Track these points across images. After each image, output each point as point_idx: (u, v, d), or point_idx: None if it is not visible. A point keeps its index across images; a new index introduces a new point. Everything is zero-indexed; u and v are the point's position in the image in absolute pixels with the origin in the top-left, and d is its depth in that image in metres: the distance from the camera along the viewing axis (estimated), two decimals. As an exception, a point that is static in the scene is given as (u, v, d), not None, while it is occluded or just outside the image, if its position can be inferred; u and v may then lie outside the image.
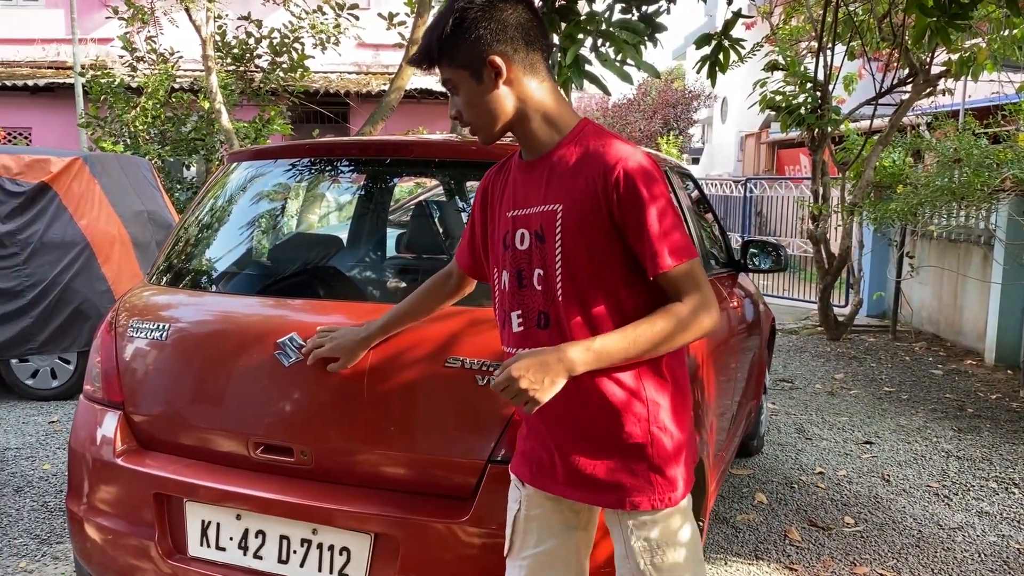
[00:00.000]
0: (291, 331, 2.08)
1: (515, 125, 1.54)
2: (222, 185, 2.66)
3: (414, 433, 1.99)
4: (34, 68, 13.74)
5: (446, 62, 1.50)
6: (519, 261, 1.57)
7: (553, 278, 1.51)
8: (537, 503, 1.66)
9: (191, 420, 2.22)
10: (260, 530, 2.07)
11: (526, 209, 1.55)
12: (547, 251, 1.51)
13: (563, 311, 1.51)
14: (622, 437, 1.53)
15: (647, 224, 1.45)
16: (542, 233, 1.52)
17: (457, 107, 1.54)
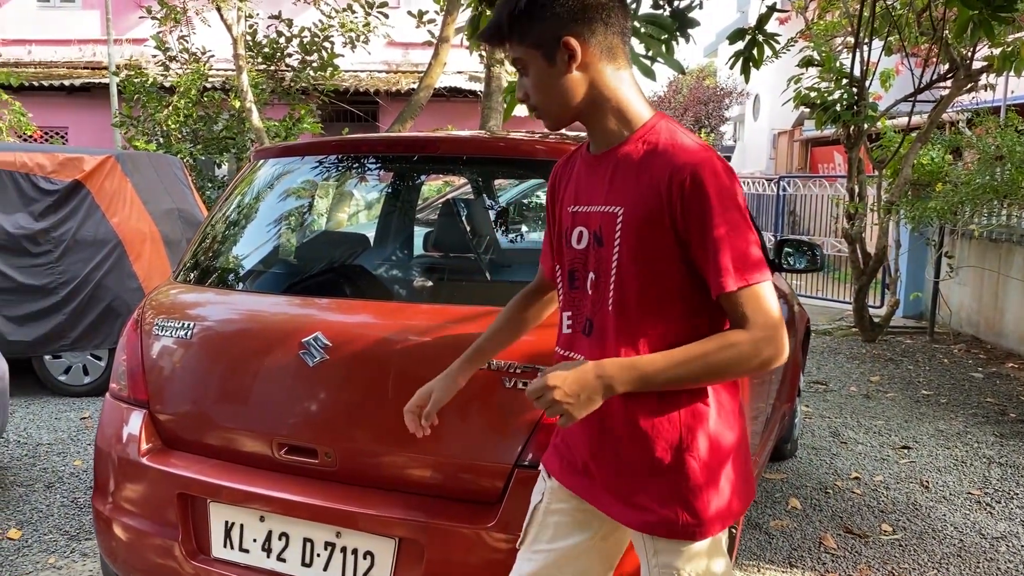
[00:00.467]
0: (316, 330, 2.05)
1: (584, 113, 1.43)
2: (249, 182, 2.64)
3: (440, 435, 1.94)
4: (71, 68, 13.96)
5: (517, 39, 1.40)
6: (575, 260, 1.48)
7: (606, 285, 1.41)
8: (560, 498, 1.58)
9: (215, 420, 2.20)
10: (284, 532, 2.04)
11: (587, 207, 1.46)
12: (604, 255, 1.41)
13: (610, 322, 1.41)
14: (651, 461, 1.43)
15: (714, 236, 1.30)
16: (601, 235, 1.42)
17: (525, 88, 1.44)
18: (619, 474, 1.47)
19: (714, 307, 1.37)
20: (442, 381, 1.71)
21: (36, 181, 5.32)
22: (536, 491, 1.63)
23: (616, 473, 1.47)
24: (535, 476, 1.83)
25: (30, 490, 3.87)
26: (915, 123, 7.43)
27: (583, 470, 1.52)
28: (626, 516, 1.47)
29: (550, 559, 1.57)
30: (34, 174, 5.33)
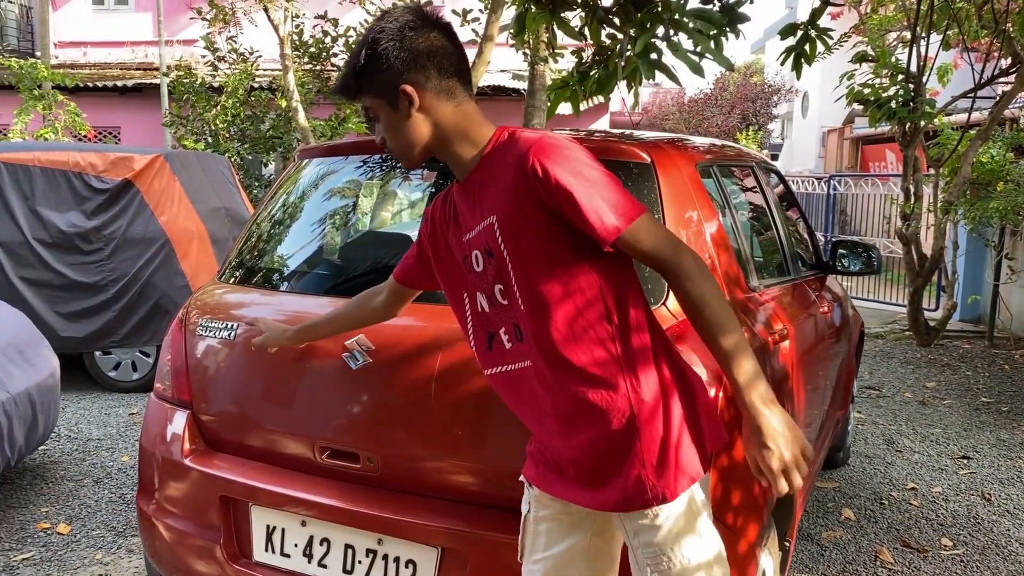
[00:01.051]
0: (359, 333, 2.01)
1: (435, 149, 1.54)
2: (293, 182, 2.62)
3: (484, 442, 1.90)
4: (123, 70, 14.28)
5: (364, 92, 1.52)
6: (480, 284, 1.56)
7: (512, 290, 1.49)
8: (544, 504, 1.61)
9: (258, 422, 2.18)
10: (325, 538, 2.01)
11: (472, 231, 1.54)
12: (500, 265, 1.49)
13: (528, 320, 1.48)
14: (606, 436, 1.47)
15: (581, 197, 1.39)
16: (489, 249, 1.50)
17: (380, 134, 1.55)
18: (585, 461, 1.50)
19: (615, 260, 1.48)
20: (278, 331, 2.00)
21: (88, 180, 5.42)
22: (524, 502, 1.66)
23: (582, 462, 1.51)
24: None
25: (79, 485, 3.92)
26: (974, 120, 7.17)
27: (556, 470, 1.56)
28: (596, 500, 1.50)
29: (550, 566, 1.60)
30: (86, 173, 5.42)
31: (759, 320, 2.26)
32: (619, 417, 1.46)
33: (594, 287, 1.46)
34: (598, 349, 1.45)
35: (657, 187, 2.04)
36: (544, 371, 1.48)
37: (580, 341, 1.45)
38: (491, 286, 1.53)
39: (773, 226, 3.04)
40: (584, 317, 1.45)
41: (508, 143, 1.49)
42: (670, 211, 2.02)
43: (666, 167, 2.10)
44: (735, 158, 2.74)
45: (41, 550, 3.25)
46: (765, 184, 3.10)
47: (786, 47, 4.53)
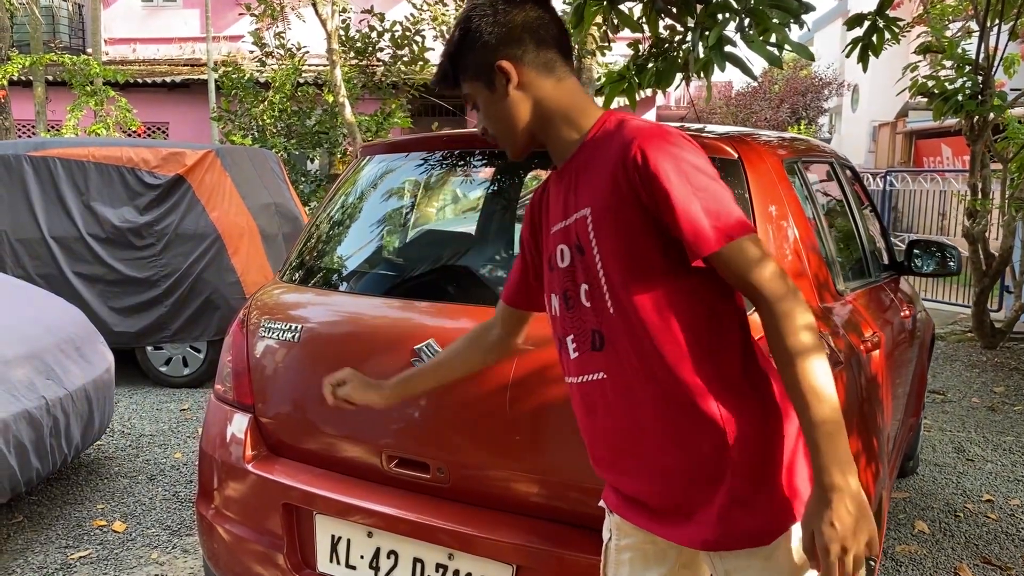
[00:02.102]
0: (428, 337, 1.92)
1: (537, 131, 1.42)
2: (355, 179, 2.54)
3: (563, 455, 1.79)
4: (172, 66, 14.45)
5: (461, 76, 1.42)
6: (564, 280, 1.41)
7: (600, 291, 1.34)
8: (626, 533, 1.47)
9: (322, 428, 2.11)
10: (392, 550, 1.93)
11: (561, 223, 1.41)
12: (588, 263, 1.36)
13: (617, 326, 1.33)
14: (696, 468, 1.32)
15: (679, 199, 1.25)
16: (579, 244, 1.37)
17: (482, 123, 1.45)
18: (669, 492, 1.37)
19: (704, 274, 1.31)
20: (363, 386, 1.71)
21: (140, 175, 5.43)
22: (605, 528, 1.53)
23: (666, 492, 1.37)
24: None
25: (133, 482, 3.92)
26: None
27: (637, 497, 1.43)
28: (684, 535, 1.36)
29: None
30: (139, 169, 5.44)
31: (851, 327, 2.12)
32: (711, 445, 1.30)
33: (692, 298, 1.31)
34: (690, 367, 1.30)
35: (746, 184, 1.91)
36: (626, 386, 1.34)
37: (670, 357, 1.30)
38: (576, 285, 1.38)
39: (853, 225, 2.89)
40: (678, 330, 1.30)
41: (615, 130, 1.35)
42: (759, 210, 1.90)
43: (754, 163, 1.97)
44: (816, 154, 2.60)
45: (97, 548, 3.24)
46: (844, 181, 2.95)
47: (852, 38, 4.36)
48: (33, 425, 3.21)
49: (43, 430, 3.27)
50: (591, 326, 1.37)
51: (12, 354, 3.29)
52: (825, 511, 1.19)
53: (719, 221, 1.25)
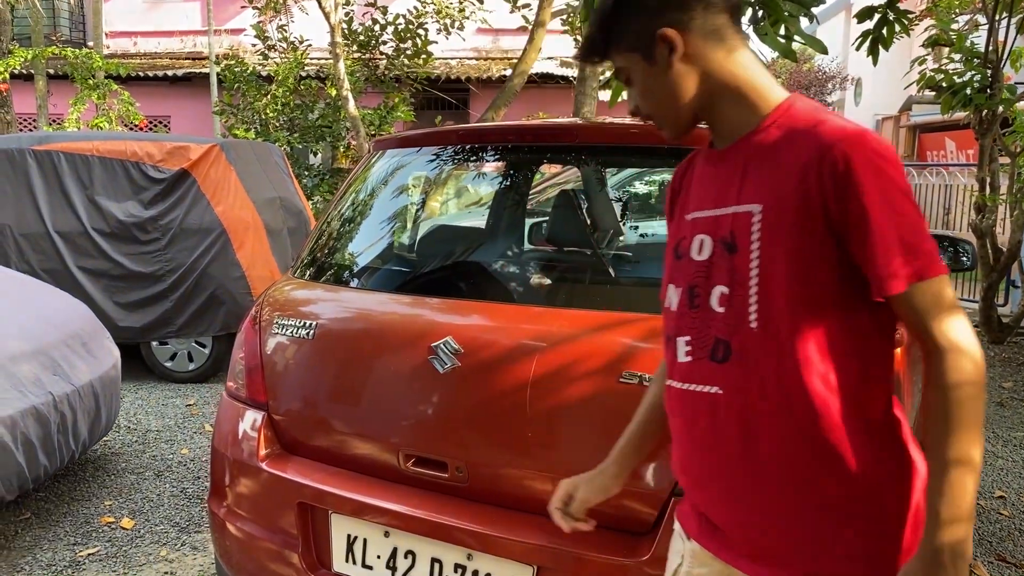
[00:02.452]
0: (446, 334, 1.90)
1: (704, 109, 1.24)
2: (367, 174, 2.51)
3: (583, 455, 1.76)
4: (173, 59, 14.38)
5: (614, 48, 1.25)
6: (693, 275, 1.24)
7: (744, 298, 1.17)
8: (702, 562, 1.31)
9: (338, 426, 2.08)
10: (410, 550, 1.91)
11: (712, 210, 1.23)
12: (738, 264, 1.18)
13: (754, 342, 1.16)
14: (814, 513, 1.16)
15: (877, 224, 1.08)
16: (732, 241, 1.19)
17: (634, 100, 1.27)
18: (775, 532, 1.19)
19: (874, 306, 1.15)
20: (590, 482, 1.49)
21: (145, 169, 5.40)
22: (673, 552, 1.38)
23: (772, 531, 1.20)
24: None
25: (140, 478, 3.90)
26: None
27: (728, 529, 1.26)
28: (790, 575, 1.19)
29: None
30: (143, 163, 5.40)
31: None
32: (838, 492, 1.15)
33: (855, 333, 1.15)
34: (837, 407, 1.14)
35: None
36: (749, 412, 1.17)
37: (816, 393, 1.13)
38: (708, 284, 1.21)
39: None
40: (831, 366, 1.14)
41: (810, 123, 1.16)
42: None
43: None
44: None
45: (106, 545, 3.22)
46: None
47: (863, 31, 4.32)
48: (40, 421, 3.19)
49: (50, 426, 3.25)
50: (717, 334, 1.20)
51: (19, 350, 3.26)
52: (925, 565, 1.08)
53: (915, 256, 1.08)
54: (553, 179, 3.81)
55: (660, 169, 2.56)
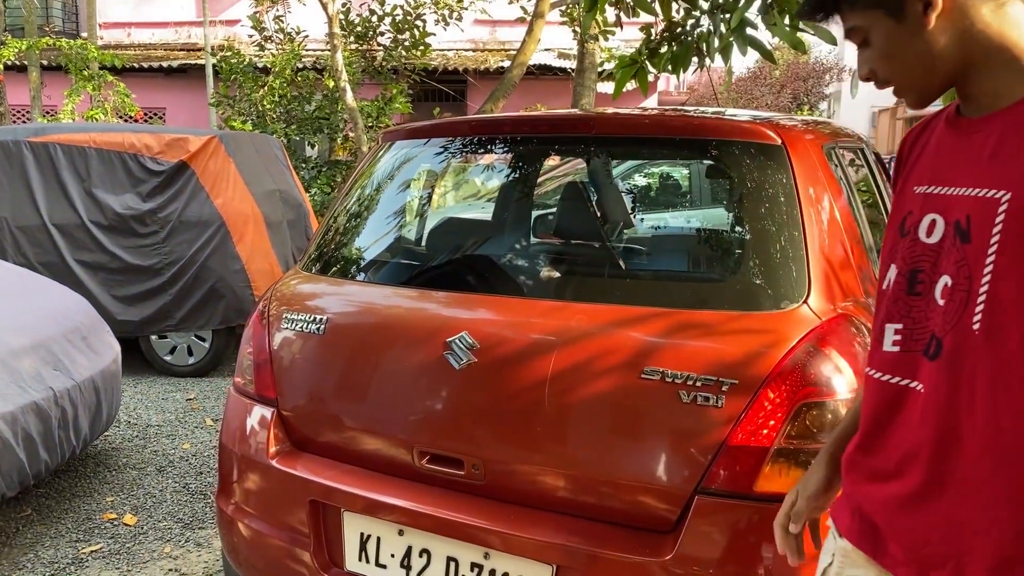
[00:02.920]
0: (461, 329, 1.86)
1: (958, 74, 1.08)
2: (375, 166, 2.47)
3: (603, 452, 1.73)
4: (168, 51, 14.28)
5: (847, 3, 1.11)
6: (918, 257, 1.11)
7: (971, 296, 1.03)
8: (855, 562, 1.21)
9: (350, 422, 2.04)
10: (425, 549, 1.87)
11: (948, 188, 1.09)
12: (970, 255, 1.04)
13: (973, 346, 1.03)
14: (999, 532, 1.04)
15: None
16: (967, 228, 1.04)
17: (869, 64, 1.13)
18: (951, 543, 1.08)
19: None
20: (807, 493, 1.33)
21: (144, 162, 5.34)
22: (825, 551, 1.29)
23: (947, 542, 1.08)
24: (718, 505, 1.61)
25: (142, 473, 3.85)
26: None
27: (894, 533, 1.14)
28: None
29: None
30: (141, 155, 5.34)
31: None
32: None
33: None
34: None
35: (791, 172, 1.85)
36: (949, 420, 1.06)
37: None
38: (935, 272, 1.08)
39: (884, 212, 2.83)
40: None
41: None
42: (805, 199, 1.83)
43: (798, 150, 1.91)
44: (847, 139, 2.54)
45: (109, 542, 3.18)
46: (874, 167, 2.88)
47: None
48: (41, 417, 3.14)
49: (51, 422, 3.20)
50: (933, 329, 1.08)
51: (19, 344, 3.22)
52: None
53: None
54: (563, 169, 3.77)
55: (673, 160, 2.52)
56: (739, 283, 1.85)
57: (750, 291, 1.80)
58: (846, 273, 1.88)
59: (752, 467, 1.61)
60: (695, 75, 21.39)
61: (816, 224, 1.83)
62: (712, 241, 2.18)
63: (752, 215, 1.88)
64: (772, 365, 1.63)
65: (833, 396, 1.61)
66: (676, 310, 1.75)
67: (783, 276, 1.76)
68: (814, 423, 1.60)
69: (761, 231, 1.85)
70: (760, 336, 1.69)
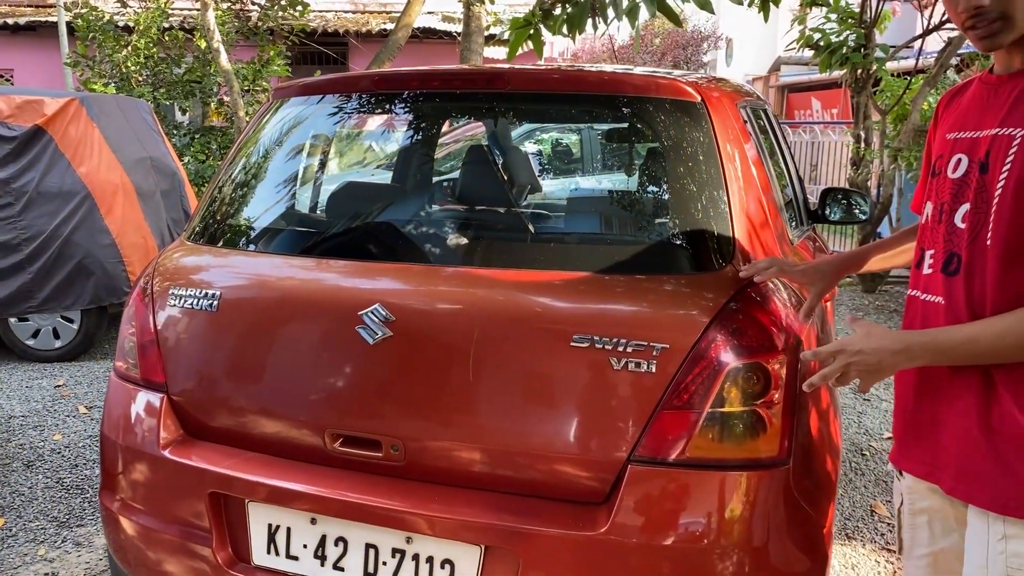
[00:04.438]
0: (375, 301, 1.72)
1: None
2: (267, 125, 2.27)
3: (531, 425, 1.65)
4: (13, 7, 13.01)
5: None
6: (945, 191, 1.32)
7: (984, 215, 1.24)
8: (922, 495, 1.43)
9: (251, 406, 1.87)
10: (341, 537, 1.75)
11: (974, 132, 1.30)
12: (987, 182, 1.25)
13: (984, 258, 1.24)
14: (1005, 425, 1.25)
15: None
16: (987, 161, 1.25)
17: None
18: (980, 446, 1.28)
19: None
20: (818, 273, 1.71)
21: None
22: (895, 492, 1.52)
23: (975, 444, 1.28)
24: (652, 473, 1.57)
25: (8, 470, 3.50)
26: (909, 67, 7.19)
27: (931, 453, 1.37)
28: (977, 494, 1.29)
29: (936, 563, 1.43)
30: (-11, 119, 4.81)
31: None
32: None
33: None
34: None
35: (711, 129, 1.80)
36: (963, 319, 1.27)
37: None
38: (956, 201, 1.30)
39: (787, 172, 2.86)
40: None
41: None
42: (726, 157, 1.79)
43: (716, 107, 1.86)
44: (753, 98, 2.53)
45: (-28, 548, 2.86)
46: (776, 126, 2.91)
47: (753, -10, 4.34)
48: None
49: None
50: (953, 248, 1.30)
51: None
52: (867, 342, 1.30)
53: None
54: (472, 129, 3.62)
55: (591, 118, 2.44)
56: (664, 245, 1.80)
57: (676, 253, 1.75)
58: (766, 232, 1.86)
59: (685, 433, 1.56)
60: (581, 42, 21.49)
61: (736, 183, 1.79)
62: (634, 203, 2.13)
63: (674, 174, 1.83)
64: (701, 328, 1.58)
65: (761, 357, 1.58)
66: (602, 274, 1.68)
67: (708, 237, 1.72)
68: (744, 386, 1.57)
69: (683, 191, 1.80)
70: (689, 299, 1.64)
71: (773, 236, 1.91)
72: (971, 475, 1.29)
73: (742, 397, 1.57)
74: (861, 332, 1.32)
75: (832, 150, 10.99)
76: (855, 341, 1.30)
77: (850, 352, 1.29)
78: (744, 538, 1.55)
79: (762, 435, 1.58)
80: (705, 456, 1.56)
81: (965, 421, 1.29)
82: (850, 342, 1.31)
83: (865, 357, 1.28)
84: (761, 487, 1.57)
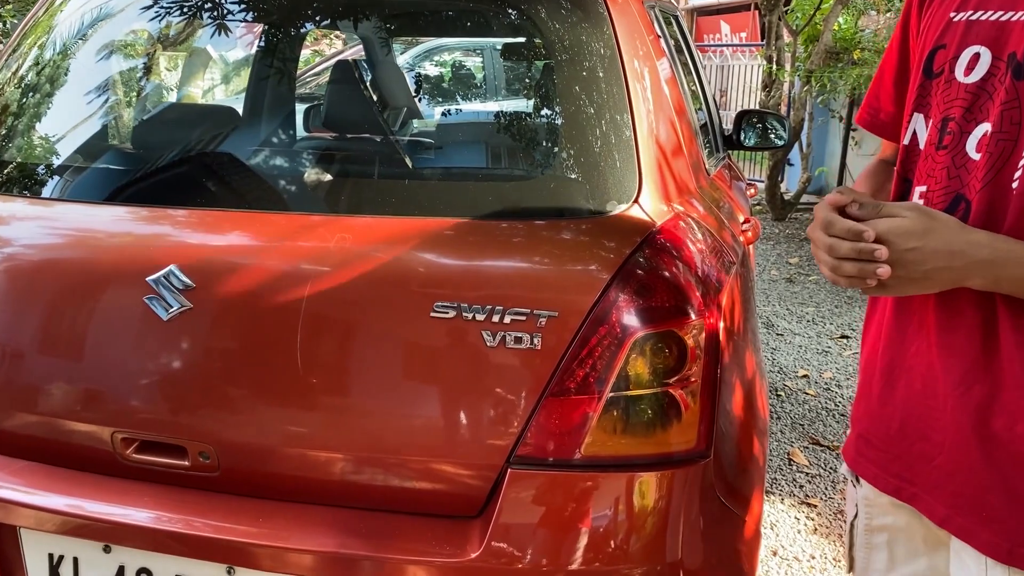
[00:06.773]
0: (168, 263, 1.29)
1: None
2: (51, 24, 1.74)
3: (382, 419, 1.27)
4: None
5: None
6: (952, 101, 0.92)
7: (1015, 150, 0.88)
8: (883, 510, 1.10)
9: (17, 403, 1.42)
10: (143, 568, 1.35)
11: (999, 12, 0.91)
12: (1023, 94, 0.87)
13: (1009, 210, 0.89)
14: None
15: None
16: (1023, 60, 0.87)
17: None
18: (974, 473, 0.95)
19: None
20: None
21: None
22: (849, 502, 1.18)
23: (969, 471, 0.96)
24: (537, 477, 1.22)
25: None
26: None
27: (907, 468, 1.04)
28: (977, 536, 0.96)
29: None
30: None
31: (731, 216, 1.74)
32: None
33: None
34: None
35: (612, 30, 1.41)
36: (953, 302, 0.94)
37: None
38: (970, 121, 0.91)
39: (702, 92, 2.51)
40: None
41: None
42: (631, 72, 1.41)
43: (619, 6, 1.46)
44: (667, 2, 2.15)
45: None
46: (687, 37, 2.53)
47: None
48: None
49: None
50: (959, 189, 0.93)
51: None
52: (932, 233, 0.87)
53: None
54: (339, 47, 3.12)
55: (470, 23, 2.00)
56: (552, 181, 1.41)
57: (567, 191, 1.37)
58: (678, 161, 1.50)
59: (578, 425, 1.22)
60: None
61: (643, 103, 1.42)
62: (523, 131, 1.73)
63: (565, 94, 1.44)
64: (599, 289, 1.22)
65: (677, 323, 1.24)
66: (474, 220, 1.28)
67: (607, 170, 1.35)
68: (654, 361, 1.23)
69: (577, 114, 1.41)
70: (584, 250, 1.27)
71: (687, 166, 1.55)
72: (971, 505, 0.97)
73: (651, 376, 1.22)
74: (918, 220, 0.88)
75: (741, 74, 10.76)
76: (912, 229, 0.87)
77: (901, 248, 0.87)
78: (654, 555, 1.23)
79: (676, 423, 1.24)
80: (605, 453, 1.22)
81: (961, 429, 0.96)
82: (904, 229, 0.87)
83: (917, 257, 0.87)
84: (676, 488, 1.24)
